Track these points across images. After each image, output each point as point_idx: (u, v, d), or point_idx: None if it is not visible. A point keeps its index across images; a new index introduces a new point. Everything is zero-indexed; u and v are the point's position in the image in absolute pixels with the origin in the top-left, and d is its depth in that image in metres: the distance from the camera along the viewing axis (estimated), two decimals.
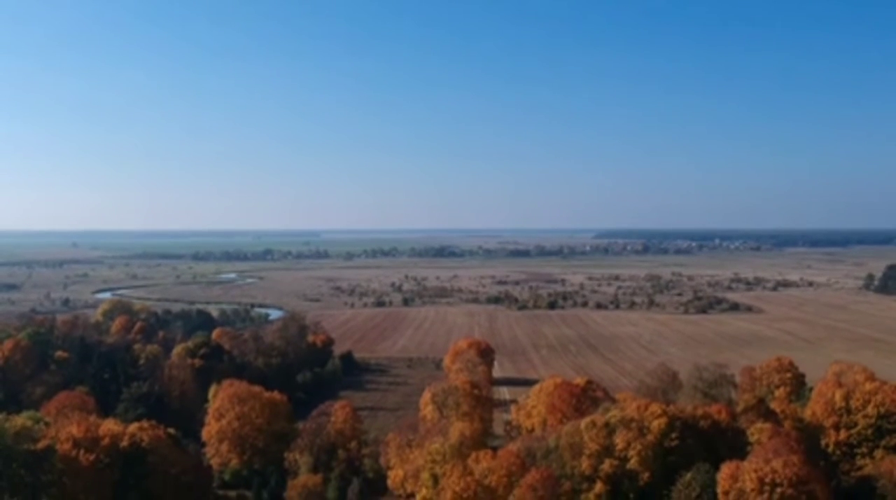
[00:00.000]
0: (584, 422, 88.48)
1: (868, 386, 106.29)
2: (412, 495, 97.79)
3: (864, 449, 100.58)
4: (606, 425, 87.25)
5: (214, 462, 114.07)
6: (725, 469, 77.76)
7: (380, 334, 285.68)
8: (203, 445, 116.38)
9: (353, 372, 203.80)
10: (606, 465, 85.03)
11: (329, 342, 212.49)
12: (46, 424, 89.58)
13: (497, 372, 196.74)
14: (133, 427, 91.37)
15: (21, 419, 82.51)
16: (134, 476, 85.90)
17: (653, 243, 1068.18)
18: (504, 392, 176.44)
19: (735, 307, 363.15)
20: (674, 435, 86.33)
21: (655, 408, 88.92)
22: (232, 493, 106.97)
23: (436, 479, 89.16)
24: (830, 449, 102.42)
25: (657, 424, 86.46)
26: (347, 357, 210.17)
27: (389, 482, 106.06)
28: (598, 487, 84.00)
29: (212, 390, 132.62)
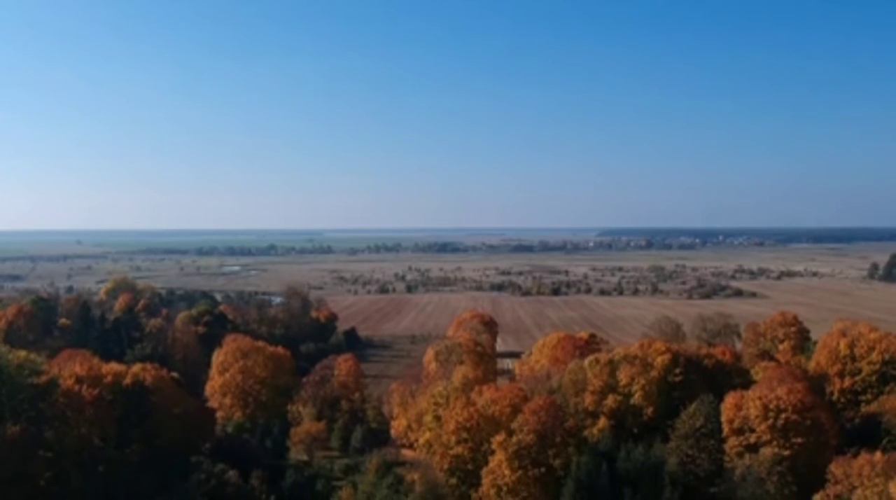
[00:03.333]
0: (587, 360, 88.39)
1: (872, 335, 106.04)
2: (415, 442, 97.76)
3: (869, 396, 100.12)
4: (610, 362, 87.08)
5: (217, 416, 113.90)
6: (730, 399, 77.59)
7: (383, 316, 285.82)
8: (206, 402, 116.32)
9: (357, 347, 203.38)
10: (610, 400, 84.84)
11: (332, 318, 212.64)
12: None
13: (500, 347, 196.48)
14: (136, 368, 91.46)
15: (24, 353, 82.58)
16: (137, 414, 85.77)
17: (656, 240, 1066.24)
18: (507, 363, 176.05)
19: (739, 293, 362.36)
20: (678, 371, 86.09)
21: (659, 345, 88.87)
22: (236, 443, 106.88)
23: (439, 420, 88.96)
24: (835, 397, 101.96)
25: (661, 360, 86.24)
26: (351, 333, 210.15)
27: (392, 432, 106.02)
28: (602, 422, 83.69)
29: (215, 354, 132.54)
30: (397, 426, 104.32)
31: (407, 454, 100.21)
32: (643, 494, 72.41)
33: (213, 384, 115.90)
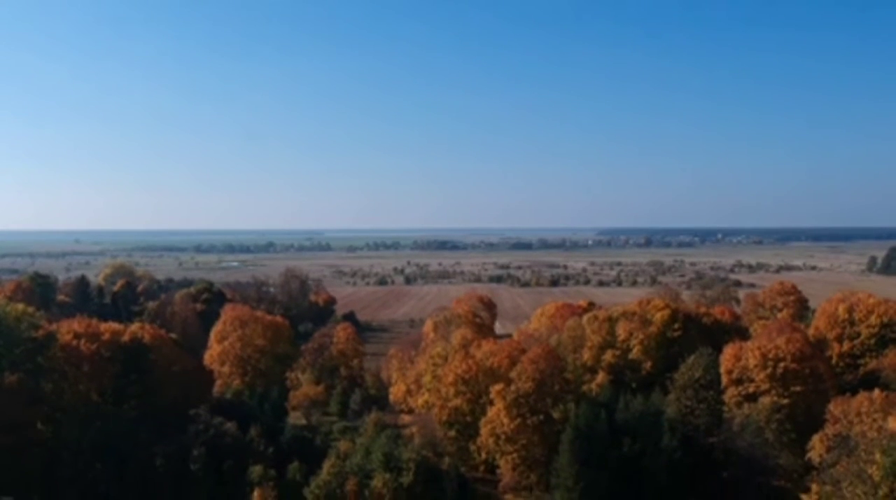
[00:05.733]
0: (585, 317, 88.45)
1: (871, 300, 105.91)
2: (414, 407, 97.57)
3: (868, 359, 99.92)
4: (608, 319, 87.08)
5: (217, 385, 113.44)
6: (728, 350, 77.67)
7: (382, 304, 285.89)
8: None
9: (356, 329, 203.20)
10: (608, 356, 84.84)
11: (331, 302, 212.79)
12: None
13: (499, 331, 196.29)
14: (134, 326, 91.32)
15: (22, 306, 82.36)
16: (135, 371, 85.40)
17: (655, 238, 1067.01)
18: None
19: (738, 285, 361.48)
20: (676, 326, 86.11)
21: (658, 302, 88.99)
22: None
23: (438, 380, 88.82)
24: (834, 361, 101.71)
25: (660, 316, 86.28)
26: (349, 317, 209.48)
27: (391, 397, 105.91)
28: (601, 377, 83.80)
29: (214, 325, 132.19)
30: (396, 392, 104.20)
31: (405, 418, 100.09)
32: (642, 442, 72.36)
33: (212, 353, 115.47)
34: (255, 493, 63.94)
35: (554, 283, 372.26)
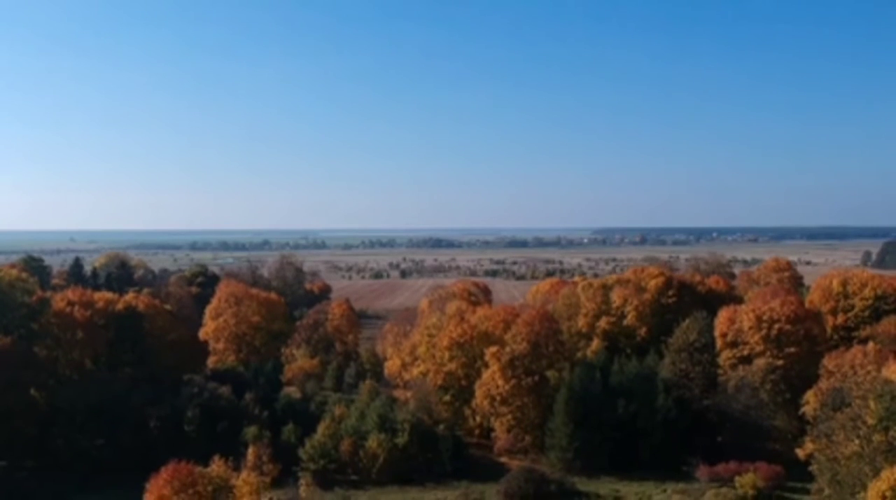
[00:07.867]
0: (580, 285, 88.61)
1: (866, 274, 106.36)
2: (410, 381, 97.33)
3: (861, 332, 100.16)
4: (603, 286, 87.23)
5: (211, 361, 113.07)
6: (723, 313, 77.90)
7: (378, 295, 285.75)
8: None
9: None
10: (603, 323, 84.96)
11: (326, 290, 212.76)
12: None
13: None
14: (129, 296, 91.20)
15: (15, 272, 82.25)
16: (129, 339, 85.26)
17: (651, 236, 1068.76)
18: None
19: (733, 277, 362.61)
20: (671, 293, 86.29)
21: (652, 270, 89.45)
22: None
23: (434, 347, 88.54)
24: (828, 334, 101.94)
25: (654, 283, 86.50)
26: (345, 305, 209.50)
27: (386, 372, 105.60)
28: (595, 344, 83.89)
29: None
30: (391, 366, 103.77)
31: (400, 393, 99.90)
32: (637, 403, 72.46)
33: (207, 330, 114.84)
34: (250, 450, 63.73)
35: (549, 276, 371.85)
